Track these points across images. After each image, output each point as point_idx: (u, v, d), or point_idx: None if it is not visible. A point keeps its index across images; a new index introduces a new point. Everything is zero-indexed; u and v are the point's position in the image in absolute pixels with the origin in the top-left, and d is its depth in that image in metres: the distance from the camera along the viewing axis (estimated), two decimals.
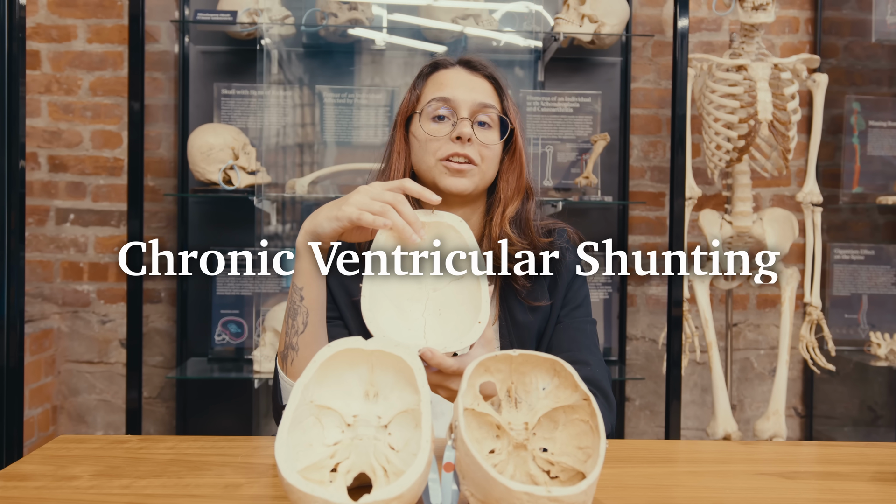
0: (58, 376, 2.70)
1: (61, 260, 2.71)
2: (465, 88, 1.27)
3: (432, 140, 1.25)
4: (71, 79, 2.70)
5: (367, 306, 0.98)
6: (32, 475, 0.96)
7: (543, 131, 2.59)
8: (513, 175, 1.30)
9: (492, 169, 1.28)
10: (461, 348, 0.98)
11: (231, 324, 2.54)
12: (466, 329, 0.98)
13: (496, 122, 1.28)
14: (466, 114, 1.25)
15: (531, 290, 1.29)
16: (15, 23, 1.84)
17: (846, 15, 2.83)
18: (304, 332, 1.11)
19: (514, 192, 1.30)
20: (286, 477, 0.73)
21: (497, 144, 1.27)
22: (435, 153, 1.25)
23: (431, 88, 1.29)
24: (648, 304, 2.85)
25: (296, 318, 1.12)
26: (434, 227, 1.06)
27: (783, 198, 2.87)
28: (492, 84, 1.30)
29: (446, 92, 1.26)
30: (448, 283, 1.05)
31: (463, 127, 1.23)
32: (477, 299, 1.01)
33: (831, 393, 2.88)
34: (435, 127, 1.26)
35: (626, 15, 2.59)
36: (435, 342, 0.98)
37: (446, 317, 1.02)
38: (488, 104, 1.26)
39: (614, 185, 2.76)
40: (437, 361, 0.97)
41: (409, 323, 1.01)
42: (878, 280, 2.82)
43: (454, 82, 1.28)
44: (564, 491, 0.73)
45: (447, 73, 1.30)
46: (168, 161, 2.71)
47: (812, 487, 0.97)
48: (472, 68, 1.31)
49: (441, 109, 1.26)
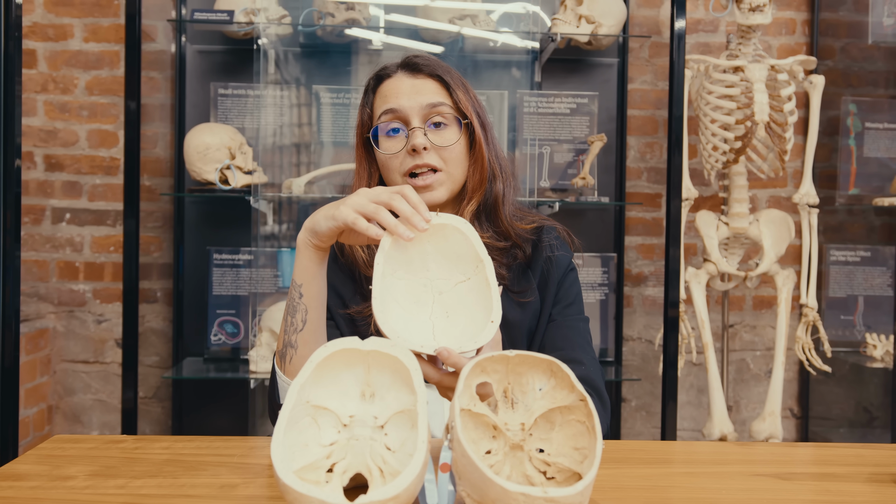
0: (53, 376, 2.69)
1: (57, 259, 2.70)
2: (410, 94, 1.24)
3: (391, 158, 1.24)
4: (67, 78, 2.69)
5: (378, 308, 0.97)
6: (27, 475, 0.95)
7: (540, 132, 2.59)
8: (475, 166, 1.28)
9: (459, 167, 1.27)
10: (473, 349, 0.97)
11: (227, 324, 2.54)
12: (477, 330, 0.98)
13: (452, 119, 1.25)
14: (417, 121, 1.23)
15: (516, 282, 1.28)
16: (11, 21, 1.83)
17: (843, 17, 2.84)
18: (304, 330, 1.11)
19: (477, 182, 1.28)
20: (282, 477, 0.73)
21: (457, 142, 1.25)
22: (398, 169, 1.24)
23: (379, 102, 1.28)
24: (645, 305, 2.85)
25: (295, 315, 1.11)
26: (438, 229, 1.05)
27: (780, 199, 2.87)
28: (438, 81, 1.27)
29: (392, 103, 1.24)
30: (454, 286, 1.04)
31: (415, 138, 1.21)
32: (484, 300, 1.00)
33: (827, 394, 2.89)
34: (390, 144, 1.25)
35: (622, 16, 2.59)
36: (447, 343, 0.97)
37: (454, 319, 1.01)
38: (437, 103, 1.24)
39: (611, 185, 2.76)
40: (454, 361, 0.94)
41: (418, 326, 1.00)
42: (874, 281, 2.83)
43: (398, 90, 1.25)
44: (561, 492, 0.73)
45: (391, 82, 1.28)
46: (164, 161, 2.71)
47: (808, 489, 0.97)
48: (415, 70, 1.27)
49: (392, 123, 1.24)
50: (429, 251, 1.05)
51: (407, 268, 1.04)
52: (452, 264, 1.05)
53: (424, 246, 1.05)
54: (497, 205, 1.29)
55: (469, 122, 1.26)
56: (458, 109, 1.26)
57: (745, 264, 2.58)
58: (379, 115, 1.26)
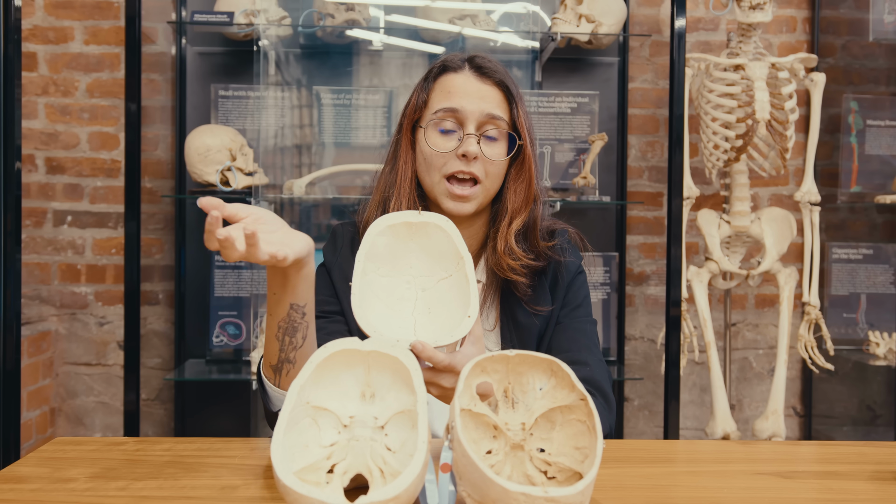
0: (56, 378, 2.69)
1: (59, 262, 2.70)
2: (474, 98, 1.23)
3: (437, 156, 1.24)
4: (68, 80, 2.69)
5: (357, 304, 0.98)
6: (28, 477, 0.95)
7: (541, 131, 2.59)
8: (521, 185, 1.27)
9: (496, 184, 1.26)
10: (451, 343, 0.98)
11: (229, 325, 2.54)
12: (455, 325, 0.99)
13: (504, 134, 1.25)
14: (473, 128, 1.22)
15: (534, 296, 1.29)
16: (11, 24, 1.83)
17: (844, 14, 2.84)
18: (303, 346, 1.10)
19: (522, 203, 1.27)
20: (282, 478, 0.73)
21: (503, 160, 1.25)
22: (440, 168, 1.24)
23: (439, 95, 1.26)
24: (647, 304, 2.85)
25: (295, 335, 1.09)
26: (421, 227, 1.06)
27: (781, 197, 2.87)
28: (502, 91, 1.26)
29: (454, 102, 1.23)
30: (437, 283, 1.05)
31: (469, 145, 1.21)
32: (464, 296, 1.01)
33: (830, 392, 2.88)
34: (440, 141, 1.24)
35: (623, 15, 2.59)
36: (425, 339, 0.98)
37: (436, 316, 1.03)
38: (497, 116, 1.23)
39: (612, 185, 2.76)
40: (428, 354, 0.95)
41: (399, 321, 1.01)
42: (877, 279, 2.82)
43: (462, 90, 1.24)
44: (561, 491, 0.73)
45: (456, 77, 1.26)
46: (165, 162, 2.71)
47: (811, 487, 0.97)
48: (484, 73, 1.26)
49: (447, 122, 1.23)
50: (412, 249, 1.06)
51: (390, 265, 1.05)
52: (435, 261, 1.06)
53: (408, 244, 1.06)
54: (536, 226, 1.28)
55: (522, 143, 1.25)
56: (512, 125, 1.25)
57: (746, 263, 2.58)
58: (436, 109, 1.24)
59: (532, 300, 1.28)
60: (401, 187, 1.29)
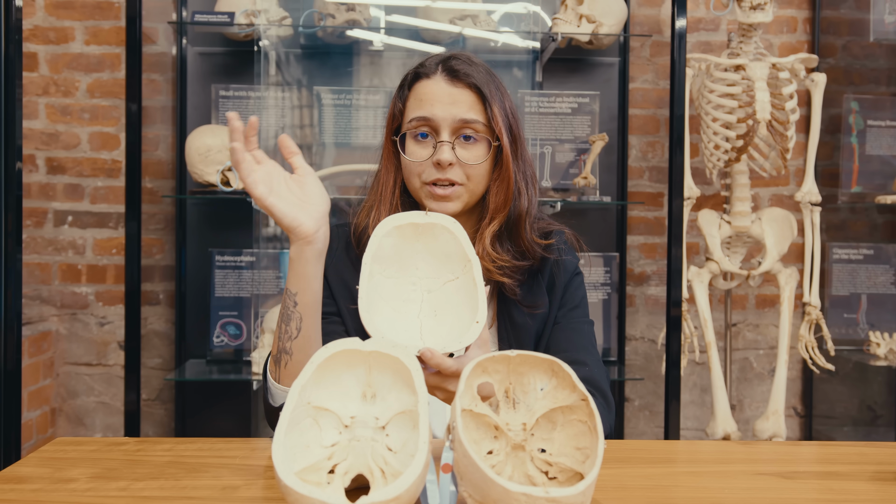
0: (56, 378, 2.69)
1: (59, 262, 2.70)
2: (445, 104, 1.22)
3: (415, 164, 1.23)
4: (68, 81, 2.69)
5: (364, 307, 0.97)
6: (29, 477, 0.95)
7: (541, 132, 2.59)
8: (500, 186, 1.25)
9: (481, 184, 1.25)
10: (459, 349, 0.97)
11: (229, 325, 2.54)
12: (463, 330, 0.98)
13: (482, 135, 1.23)
14: (447, 135, 1.21)
15: (528, 295, 1.29)
16: (12, 24, 1.84)
17: (844, 14, 2.83)
18: (298, 337, 1.10)
19: (501, 203, 1.25)
20: (283, 479, 0.73)
21: (483, 162, 1.23)
22: (419, 176, 1.23)
23: (413, 103, 1.25)
24: (647, 305, 2.85)
25: (289, 323, 1.10)
26: (428, 228, 1.06)
27: (782, 197, 2.87)
28: (475, 93, 1.24)
29: (425, 110, 1.22)
30: (443, 285, 1.05)
31: (442, 153, 1.20)
32: (471, 299, 1.01)
33: (830, 393, 2.88)
34: (417, 149, 1.23)
35: (623, 15, 2.59)
36: (432, 343, 0.97)
37: (442, 318, 1.02)
38: (470, 119, 1.22)
39: (613, 185, 2.76)
40: (437, 362, 0.96)
41: (406, 324, 1.01)
42: (877, 279, 2.82)
43: (434, 97, 1.23)
44: (562, 492, 0.73)
45: (428, 84, 1.24)
46: (166, 163, 2.71)
47: (811, 487, 0.97)
48: (454, 77, 1.24)
49: (421, 128, 1.23)
50: (419, 250, 1.06)
51: (397, 267, 1.05)
52: (441, 263, 1.05)
53: (414, 245, 1.06)
54: (520, 223, 1.26)
55: (499, 143, 1.24)
56: (489, 128, 1.24)
57: (747, 263, 2.58)
58: (411, 118, 1.24)
59: (526, 300, 1.28)
60: (382, 195, 1.29)
